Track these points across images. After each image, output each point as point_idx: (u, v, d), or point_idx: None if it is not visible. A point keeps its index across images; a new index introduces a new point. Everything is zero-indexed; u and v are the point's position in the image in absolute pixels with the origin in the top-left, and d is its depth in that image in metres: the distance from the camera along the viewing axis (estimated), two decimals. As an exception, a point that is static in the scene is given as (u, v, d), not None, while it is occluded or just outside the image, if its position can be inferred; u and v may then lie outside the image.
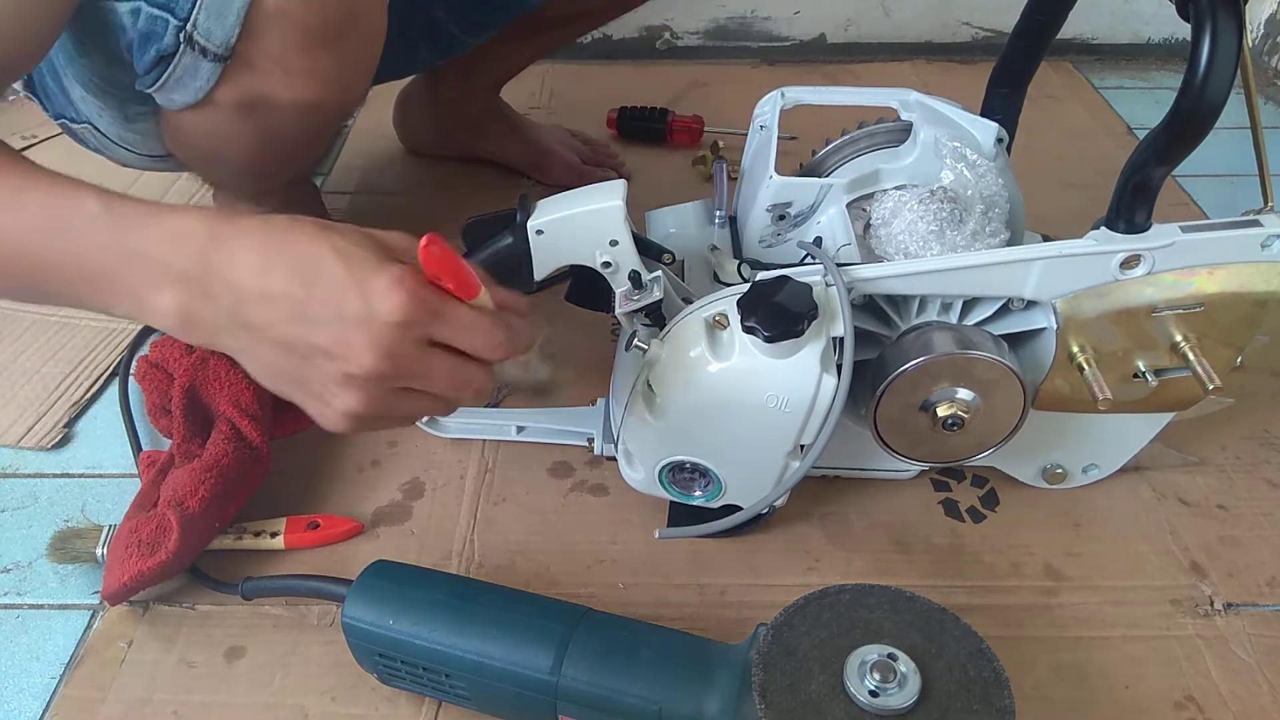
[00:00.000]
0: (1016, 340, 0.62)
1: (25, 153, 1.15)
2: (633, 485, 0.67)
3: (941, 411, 0.60)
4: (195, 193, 1.07)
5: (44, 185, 0.48)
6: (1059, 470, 0.71)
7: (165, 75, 0.62)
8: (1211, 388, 0.60)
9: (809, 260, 0.61)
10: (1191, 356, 0.60)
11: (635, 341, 0.62)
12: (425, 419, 0.76)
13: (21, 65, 0.57)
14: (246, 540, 0.68)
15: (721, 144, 1.14)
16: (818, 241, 0.67)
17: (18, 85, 0.77)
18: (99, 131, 0.70)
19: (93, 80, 0.65)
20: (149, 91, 0.64)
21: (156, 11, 0.59)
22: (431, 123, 1.11)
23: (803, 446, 0.60)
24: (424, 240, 0.45)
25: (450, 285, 0.46)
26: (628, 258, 0.62)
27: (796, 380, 0.56)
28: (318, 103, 0.66)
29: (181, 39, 0.59)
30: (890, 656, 0.47)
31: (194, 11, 0.58)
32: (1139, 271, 0.58)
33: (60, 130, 0.78)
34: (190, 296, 0.46)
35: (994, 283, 0.60)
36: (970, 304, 0.61)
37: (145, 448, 0.76)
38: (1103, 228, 0.58)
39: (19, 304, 0.93)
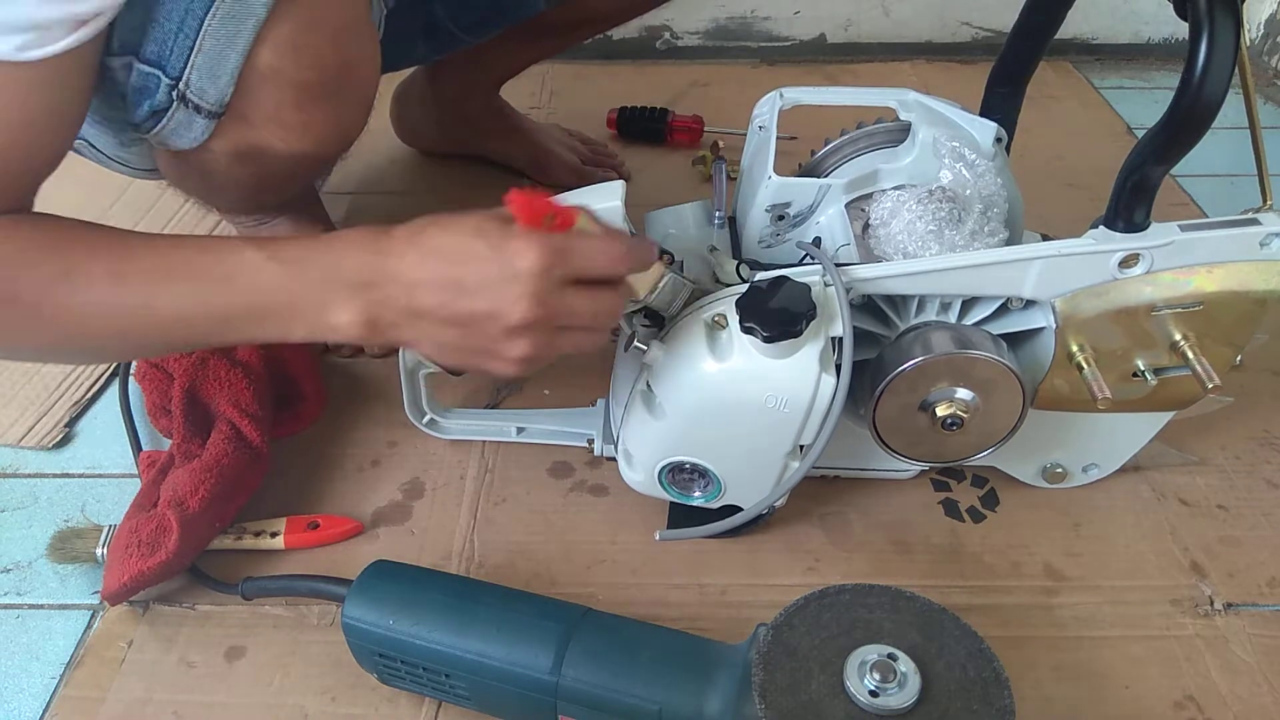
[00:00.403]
0: (1016, 340, 0.62)
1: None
2: (632, 486, 0.67)
3: (941, 411, 0.60)
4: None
5: (195, 250, 0.54)
6: (1059, 470, 0.71)
7: (159, 127, 0.62)
8: (1211, 386, 0.60)
9: (808, 260, 0.61)
10: (1191, 355, 0.60)
11: (635, 342, 0.62)
12: (426, 420, 0.76)
13: (54, 165, 0.57)
14: (246, 540, 0.68)
15: (721, 144, 1.14)
16: (817, 241, 0.67)
17: None
18: (94, 148, 0.70)
19: (88, 113, 0.66)
20: (144, 137, 0.64)
21: (148, 69, 0.58)
22: (430, 120, 1.11)
23: (802, 447, 0.60)
24: (508, 196, 0.51)
25: (555, 219, 0.52)
26: (627, 258, 0.62)
27: (795, 380, 0.56)
28: (312, 153, 0.67)
29: (174, 96, 0.59)
30: (890, 656, 0.47)
31: (186, 71, 0.58)
32: (1138, 270, 0.58)
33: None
34: (369, 304, 0.52)
35: (993, 282, 0.60)
36: (969, 304, 0.61)
37: (145, 448, 0.76)
38: (1101, 227, 0.58)
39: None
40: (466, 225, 0.52)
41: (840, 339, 0.57)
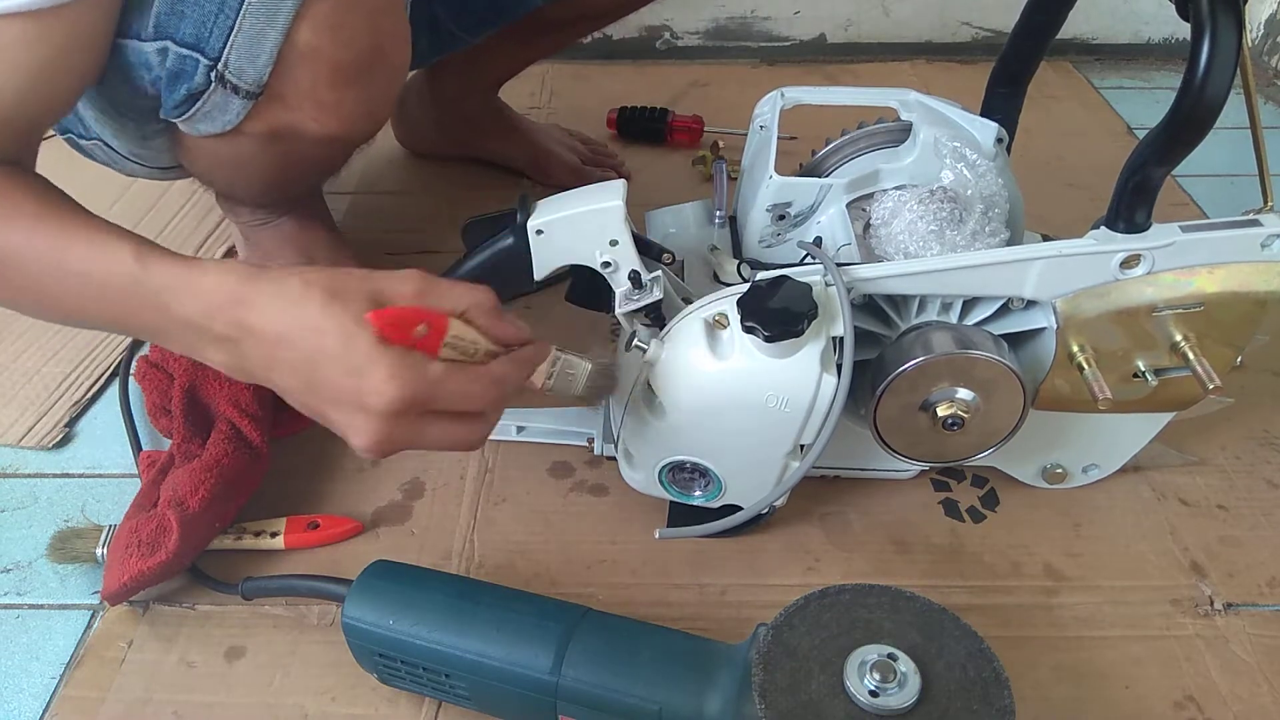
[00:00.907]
0: (1016, 340, 0.62)
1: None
2: (633, 485, 0.67)
3: (941, 411, 0.60)
4: (192, 194, 1.07)
5: (81, 243, 0.52)
6: (1059, 470, 0.71)
7: (194, 110, 0.62)
8: (1211, 387, 0.60)
9: (809, 260, 0.61)
10: (1191, 356, 0.60)
11: (635, 341, 0.62)
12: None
13: (54, 117, 0.58)
14: (246, 540, 0.68)
15: (721, 144, 1.14)
16: (818, 241, 0.67)
17: None
18: (109, 147, 0.70)
19: (110, 105, 0.66)
20: (175, 121, 0.64)
21: (185, 52, 0.59)
22: (430, 122, 1.11)
23: (803, 446, 0.60)
24: (368, 316, 0.48)
25: (427, 330, 0.49)
26: (628, 258, 0.62)
27: (796, 380, 0.56)
28: (342, 135, 0.67)
29: (213, 78, 0.60)
30: (890, 656, 0.47)
31: (225, 51, 0.59)
32: (1139, 271, 0.58)
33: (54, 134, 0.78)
34: (230, 355, 0.51)
35: (994, 282, 0.60)
36: (970, 304, 0.61)
37: (145, 448, 0.76)
38: (1102, 227, 0.58)
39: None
40: (338, 317, 0.48)
41: (841, 339, 0.57)
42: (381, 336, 0.48)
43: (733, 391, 0.58)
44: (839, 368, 0.57)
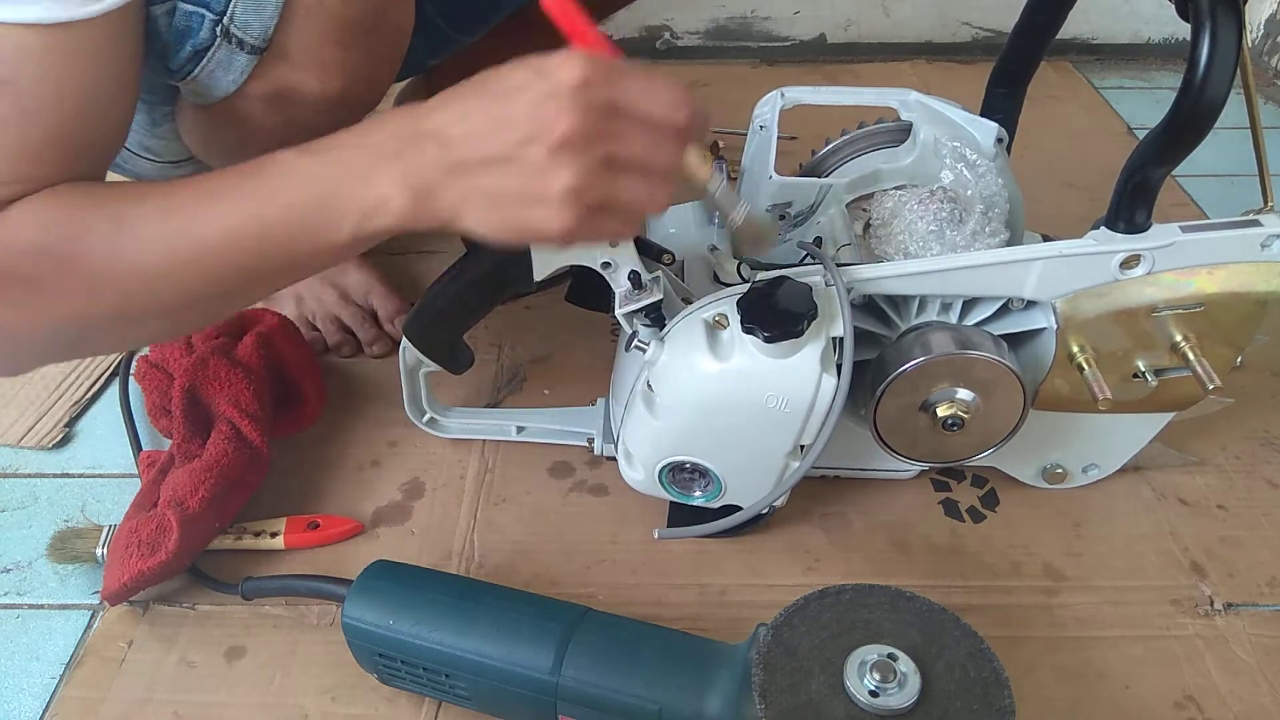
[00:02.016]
0: (1016, 340, 0.62)
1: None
2: (633, 485, 0.67)
3: (941, 411, 0.60)
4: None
5: (234, 170, 0.52)
6: (1059, 470, 0.71)
7: (199, 69, 0.62)
8: (1211, 387, 0.60)
9: (808, 260, 0.61)
10: (1191, 356, 0.60)
11: (635, 341, 0.62)
12: (426, 419, 0.76)
13: (120, 137, 0.57)
14: (246, 540, 0.68)
15: (721, 144, 1.14)
16: (818, 241, 0.68)
17: None
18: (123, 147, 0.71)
19: None
20: (179, 84, 0.64)
21: (191, 8, 0.58)
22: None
23: (803, 446, 0.60)
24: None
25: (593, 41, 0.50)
26: (627, 258, 0.62)
27: (796, 380, 0.56)
28: (344, 96, 0.66)
29: (218, 32, 0.59)
30: (890, 656, 0.47)
31: (230, 5, 0.58)
32: (1139, 271, 0.58)
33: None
34: (410, 169, 0.49)
35: (994, 283, 0.60)
36: (970, 304, 0.61)
37: (145, 448, 0.76)
38: (1102, 228, 0.58)
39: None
40: (511, 63, 0.49)
41: (841, 339, 0.57)
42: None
43: (733, 392, 0.58)
44: (839, 368, 0.57)
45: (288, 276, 0.56)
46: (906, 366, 0.58)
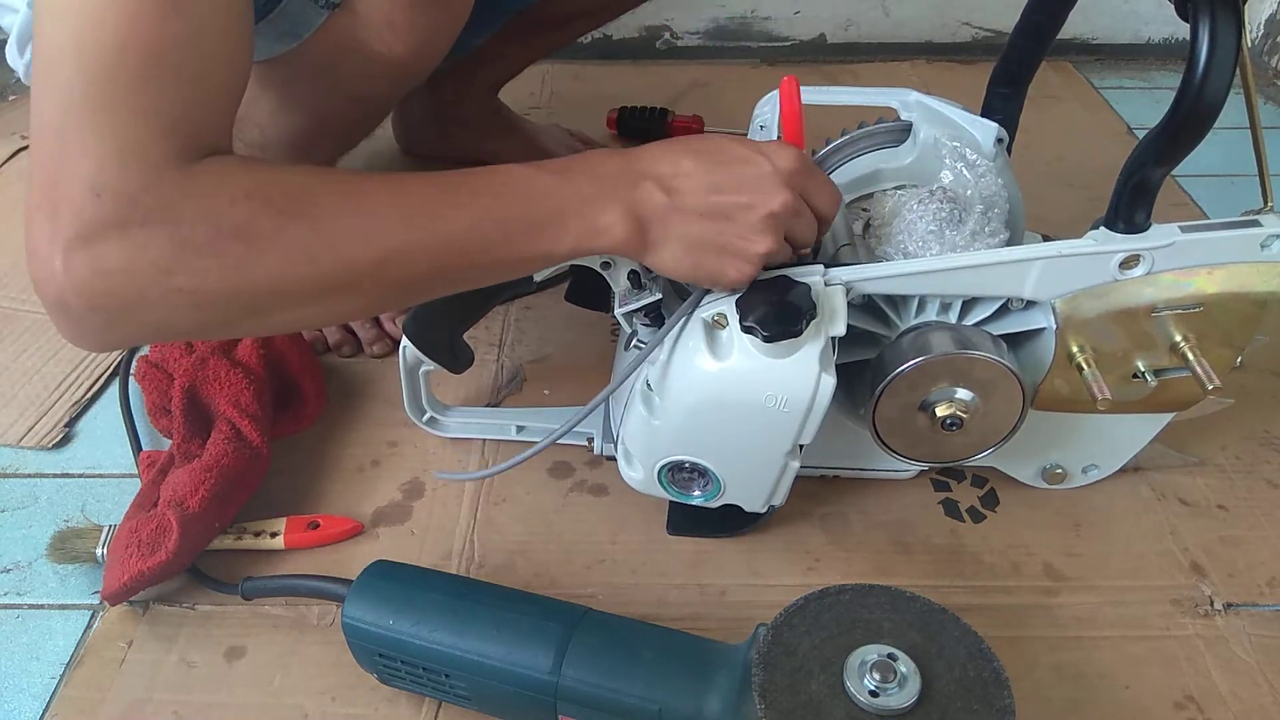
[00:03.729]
0: (1016, 340, 0.62)
1: (24, 152, 1.16)
2: (632, 485, 0.67)
3: (941, 411, 0.60)
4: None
5: (461, 173, 0.55)
6: (1059, 470, 0.71)
7: (274, 12, 0.61)
8: (1211, 388, 0.60)
9: (805, 260, 0.61)
10: (1191, 356, 0.60)
11: (635, 341, 0.62)
12: (426, 418, 0.76)
13: (241, 86, 0.55)
14: (246, 540, 0.68)
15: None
16: (817, 241, 0.67)
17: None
18: None
19: None
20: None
21: None
22: (430, 125, 1.11)
23: (802, 446, 0.60)
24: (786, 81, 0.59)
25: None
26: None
27: (795, 380, 0.56)
28: (403, 61, 0.67)
29: None
30: (890, 656, 0.47)
31: None
32: (1138, 271, 0.58)
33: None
34: (634, 201, 0.54)
35: (993, 283, 0.60)
36: (970, 304, 0.61)
37: (145, 448, 0.76)
38: (1102, 228, 0.58)
39: (23, 305, 0.93)
40: (726, 139, 0.57)
41: (839, 339, 0.57)
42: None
43: (732, 391, 0.58)
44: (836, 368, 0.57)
45: (497, 275, 0.57)
46: (906, 366, 0.58)
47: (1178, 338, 0.60)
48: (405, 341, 0.69)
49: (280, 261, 0.49)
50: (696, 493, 0.65)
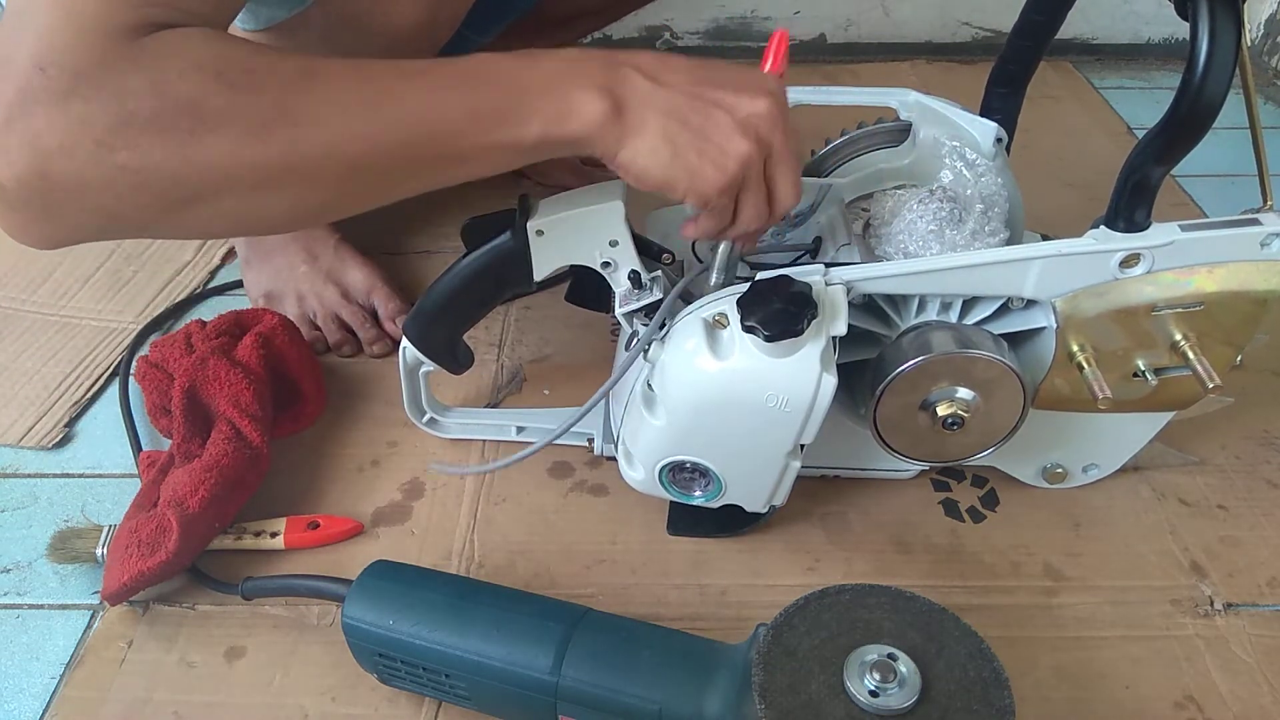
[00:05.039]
0: (1016, 339, 0.62)
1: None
2: (633, 485, 0.67)
3: (941, 411, 0.60)
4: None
5: (430, 60, 0.53)
6: (1059, 470, 0.71)
7: None
8: (1211, 386, 0.60)
9: (805, 259, 0.61)
10: (1191, 355, 0.60)
11: (635, 341, 0.62)
12: (426, 419, 0.76)
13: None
14: (246, 540, 0.68)
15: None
16: (817, 241, 0.68)
17: None
18: None
19: None
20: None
21: None
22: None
23: (803, 446, 0.60)
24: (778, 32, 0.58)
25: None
26: (628, 258, 0.62)
27: (796, 380, 0.56)
28: (408, 32, 0.65)
29: None
30: (890, 656, 0.47)
31: None
32: (1138, 270, 0.58)
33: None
34: (610, 80, 0.52)
35: (993, 282, 0.60)
36: (970, 303, 0.61)
37: (145, 448, 0.76)
38: (1102, 227, 0.58)
39: (23, 305, 0.93)
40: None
41: (840, 338, 0.57)
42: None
43: (733, 391, 0.57)
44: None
45: (463, 168, 0.54)
46: (906, 366, 0.58)
47: (1178, 336, 0.60)
48: (405, 342, 0.69)
49: (229, 140, 0.46)
50: (697, 493, 0.65)
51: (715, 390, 0.58)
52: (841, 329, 0.56)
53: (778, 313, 0.55)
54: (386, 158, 0.50)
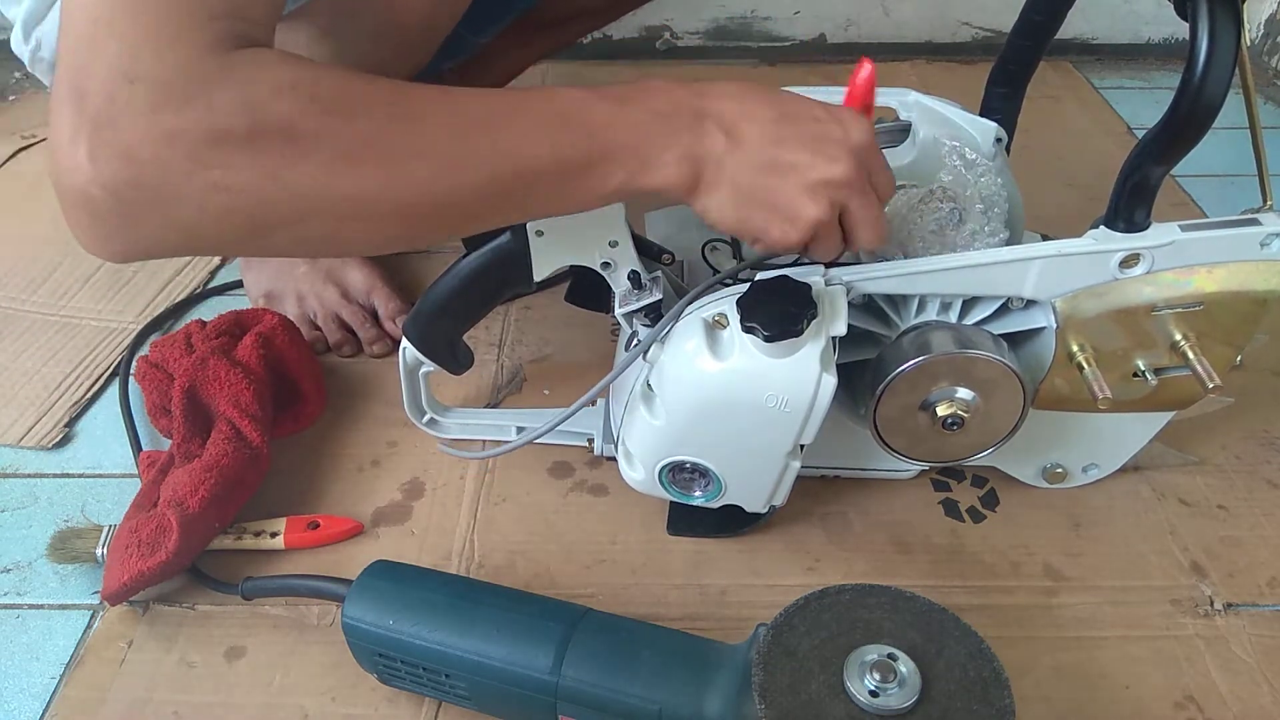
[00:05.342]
0: (1016, 339, 0.62)
1: (24, 152, 1.16)
2: (633, 485, 0.67)
3: (941, 411, 0.60)
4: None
5: (519, 93, 0.52)
6: (1059, 470, 0.71)
7: None
8: (1211, 386, 0.60)
9: (804, 259, 0.61)
10: (1191, 355, 0.60)
11: (635, 341, 0.62)
12: (426, 420, 0.76)
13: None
14: (246, 540, 0.68)
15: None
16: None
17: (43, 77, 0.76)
18: None
19: None
20: None
21: None
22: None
23: (803, 446, 0.60)
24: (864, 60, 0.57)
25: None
26: (627, 258, 0.62)
27: (796, 380, 0.56)
28: (406, 29, 0.64)
29: None
30: (890, 656, 0.47)
31: None
32: (1138, 270, 0.58)
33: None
34: (692, 138, 0.52)
35: (993, 282, 0.60)
36: (970, 303, 0.61)
37: (145, 448, 0.76)
38: (1102, 227, 0.58)
39: (23, 305, 0.93)
40: (802, 97, 0.55)
41: (840, 338, 0.57)
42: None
43: (732, 391, 0.57)
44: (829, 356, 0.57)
45: (541, 208, 0.54)
46: (906, 366, 0.58)
47: (1178, 336, 0.60)
48: (405, 342, 0.69)
49: (322, 167, 0.45)
50: (698, 493, 0.65)
51: (715, 390, 0.58)
52: (841, 329, 0.56)
53: (777, 313, 0.55)
54: (471, 195, 0.50)
